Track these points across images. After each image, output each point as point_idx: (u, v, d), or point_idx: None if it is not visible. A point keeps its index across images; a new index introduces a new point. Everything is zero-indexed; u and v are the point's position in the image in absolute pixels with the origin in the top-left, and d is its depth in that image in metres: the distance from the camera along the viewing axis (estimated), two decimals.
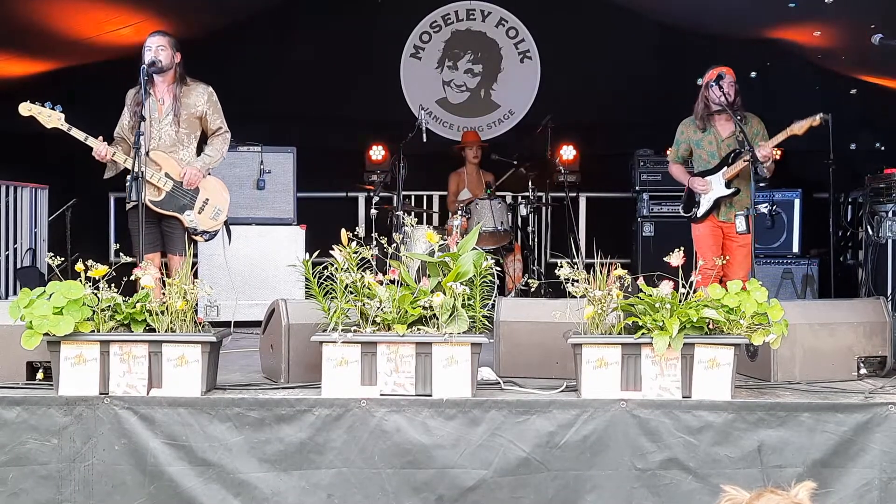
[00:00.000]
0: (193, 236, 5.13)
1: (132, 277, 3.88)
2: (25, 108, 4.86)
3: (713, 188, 5.62)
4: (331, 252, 3.81)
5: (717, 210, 5.64)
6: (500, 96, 9.43)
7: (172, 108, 5.11)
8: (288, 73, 8.72)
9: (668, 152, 6.02)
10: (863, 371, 4.22)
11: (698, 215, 5.70)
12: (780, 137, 5.42)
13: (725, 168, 5.58)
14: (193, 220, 5.10)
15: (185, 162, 5.15)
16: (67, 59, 4.77)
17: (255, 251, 6.69)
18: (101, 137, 4.95)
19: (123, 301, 3.84)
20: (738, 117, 5.39)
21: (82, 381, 3.74)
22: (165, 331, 3.80)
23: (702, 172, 5.71)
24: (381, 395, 3.73)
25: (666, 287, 3.68)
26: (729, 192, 5.58)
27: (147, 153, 5.00)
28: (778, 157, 5.50)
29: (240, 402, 3.72)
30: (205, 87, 5.25)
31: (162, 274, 4.00)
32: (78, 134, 4.88)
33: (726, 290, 3.73)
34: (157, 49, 5.07)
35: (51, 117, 4.85)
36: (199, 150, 5.28)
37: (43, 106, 4.85)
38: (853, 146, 7.72)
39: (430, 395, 3.72)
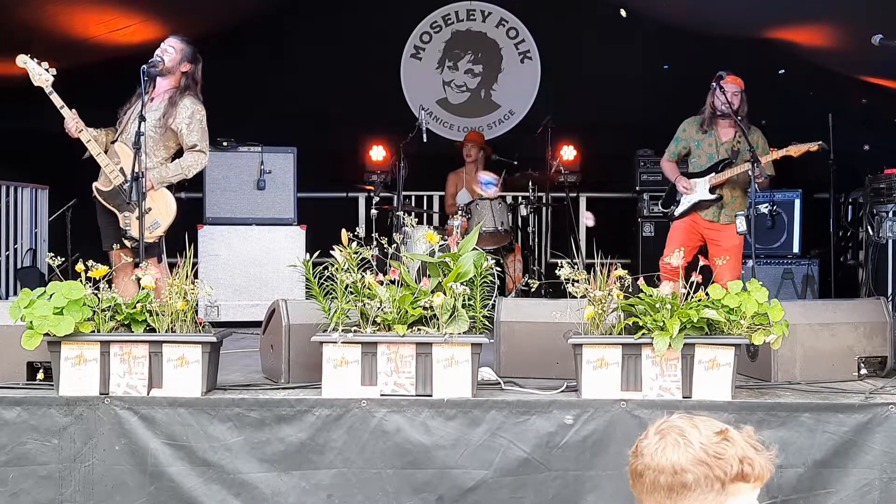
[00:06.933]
0: (123, 238, 4.91)
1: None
2: (21, 60, 4.82)
3: (696, 191, 5.62)
4: (331, 252, 3.81)
5: (697, 210, 5.61)
6: (501, 96, 9.43)
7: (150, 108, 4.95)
8: (288, 72, 8.71)
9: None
10: (863, 371, 4.21)
11: (675, 214, 5.71)
12: (776, 156, 5.44)
13: (713, 174, 5.58)
14: (129, 223, 4.85)
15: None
16: (68, 59, 4.77)
17: (255, 251, 6.68)
18: (75, 111, 4.86)
19: (123, 301, 3.84)
20: (742, 125, 5.37)
21: (82, 381, 3.73)
22: (166, 331, 3.80)
23: (692, 174, 5.70)
24: (382, 395, 3.73)
25: (666, 287, 3.68)
26: (711, 197, 5.57)
27: (113, 142, 4.97)
28: (778, 157, 5.49)
29: (240, 403, 3.72)
30: (194, 103, 5.00)
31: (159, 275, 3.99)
32: (56, 100, 4.82)
33: (727, 291, 3.73)
34: (164, 49, 5.03)
35: (41, 77, 4.79)
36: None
37: (39, 65, 4.79)
38: (853, 146, 7.72)
39: (431, 396, 3.72)
